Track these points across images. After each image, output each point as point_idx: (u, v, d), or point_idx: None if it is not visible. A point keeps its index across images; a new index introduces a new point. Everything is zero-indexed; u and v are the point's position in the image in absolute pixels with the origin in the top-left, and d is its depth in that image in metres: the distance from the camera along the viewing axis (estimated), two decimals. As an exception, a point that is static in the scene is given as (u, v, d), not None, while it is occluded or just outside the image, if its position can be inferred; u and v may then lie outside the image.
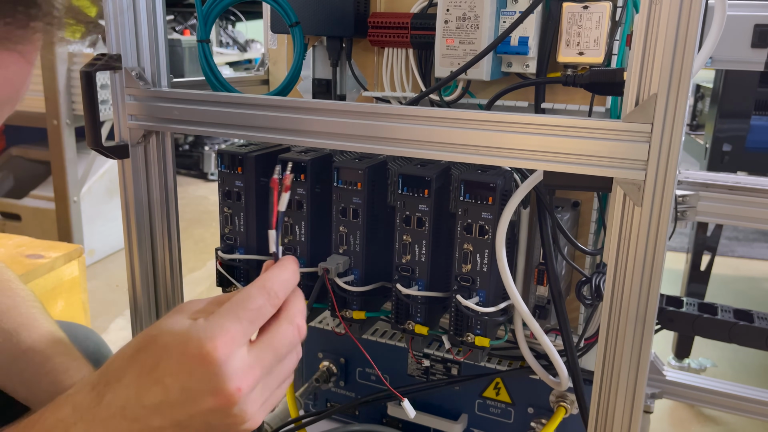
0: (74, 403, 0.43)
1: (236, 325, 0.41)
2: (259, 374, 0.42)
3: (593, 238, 0.77)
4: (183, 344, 0.40)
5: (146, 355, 0.42)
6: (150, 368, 0.41)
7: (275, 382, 0.45)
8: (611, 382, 0.54)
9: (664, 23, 0.47)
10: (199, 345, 0.40)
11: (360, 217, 0.70)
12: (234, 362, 0.40)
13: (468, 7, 0.67)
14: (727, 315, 0.75)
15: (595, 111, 0.69)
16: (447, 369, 0.87)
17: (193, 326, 0.41)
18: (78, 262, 1.51)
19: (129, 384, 0.42)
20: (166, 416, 0.41)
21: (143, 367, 0.42)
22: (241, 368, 0.41)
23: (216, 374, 0.40)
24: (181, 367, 0.40)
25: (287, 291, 0.46)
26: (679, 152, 0.48)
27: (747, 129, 1.59)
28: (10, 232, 2.12)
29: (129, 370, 0.42)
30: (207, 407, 0.41)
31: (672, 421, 1.53)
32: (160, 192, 0.76)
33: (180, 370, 0.40)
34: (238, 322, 0.42)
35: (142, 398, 0.41)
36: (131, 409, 0.41)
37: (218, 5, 0.74)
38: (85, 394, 0.43)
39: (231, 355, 0.40)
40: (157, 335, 0.42)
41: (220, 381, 0.40)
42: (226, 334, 0.40)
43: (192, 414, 0.41)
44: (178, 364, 0.40)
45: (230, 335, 0.41)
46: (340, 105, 0.60)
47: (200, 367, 0.40)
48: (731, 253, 2.62)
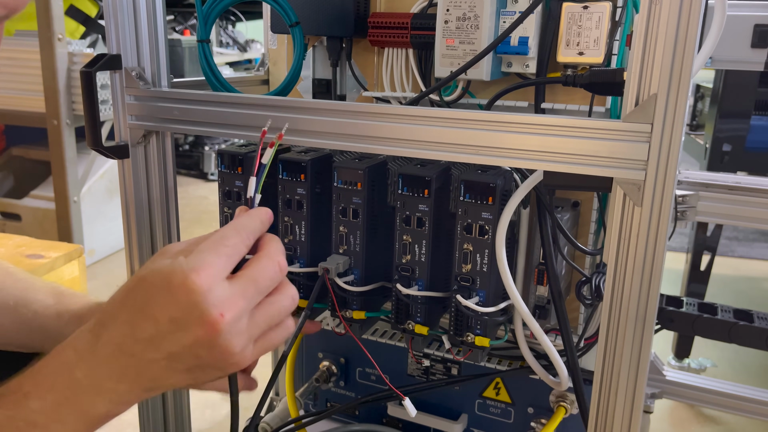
0: (75, 346, 0.46)
1: (216, 258, 0.44)
2: (242, 304, 0.45)
3: (593, 238, 0.77)
4: (169, 278, 0.43)
5: (136, 294, 0.45)
6: (141, 305, 0.44)
7: (262, 317, 0.47)
8: (611, 382, 0.54)
9: (664, 23, 0.47)
10: (183, 276, 0.43)
11: (360, 217, 0.70)
12: (216, 291, 0.43)
13: (468, 7, 0.67)
14: (727, 315, 0.75)
15: (595, 111, 0.69)
16: (447, 369, 0.87)
17: (177, 262, 0.44)
18: (78, 262, 1.51)
19: (123, 322, 0.45)
20: (159, 349, 0.44)
21: (134, 305, 0.45)
22: (223, 296, 0.43)
23: (200, 302, 0.43)
24: (168, 299, 0.43)
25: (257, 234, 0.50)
26: (679, 152, 0.48)
27: (747, 129, 1.59)
28: (10, 232, 2.13)
29: (122, 309, 0.45)
30: (195, 336, 0.43)
31: (672, 421, 1.53)
32: (160, 192, 0.76)
33: (168, 301, 0.43)
34: (217, 256, 0.45)
35: (135, 333, 0.44)
36: (127, 344, 0.44)
37: (218, 5, 0.74)
38: (84, 336, 0.46)
39: (213, 284, 0.43)
40: (145, 275, 0.45)
41: (204, 308, 0.43)
42: (207, 267, 0.44)
43: (183, 344, 0.44)
44: (165, 297, 0.43)
45: (211, 267, 0.44)
46: (340, 105, 0.60)
47: (185, 296, 0.43)
48: (731, 253, 2.62)
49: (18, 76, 2.06)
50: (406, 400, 0.67)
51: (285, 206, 0.74)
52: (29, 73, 2.02)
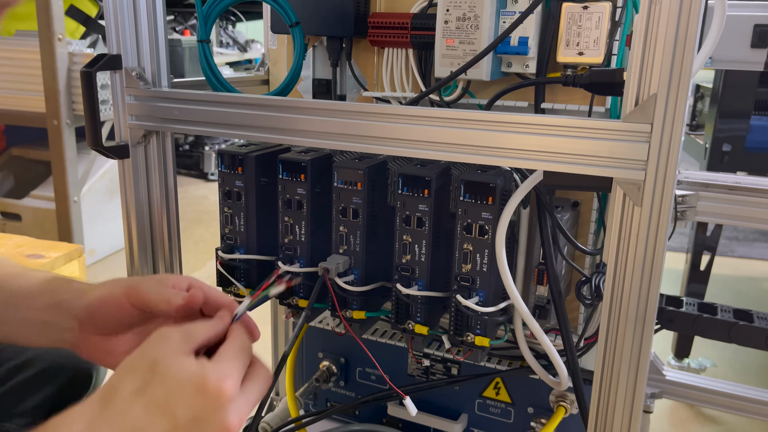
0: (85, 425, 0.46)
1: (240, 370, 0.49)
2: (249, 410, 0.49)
3: (593, 238, 0.77)
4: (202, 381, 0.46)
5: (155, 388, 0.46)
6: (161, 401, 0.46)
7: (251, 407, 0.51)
8: (611, 382, 0.54)
9: (664, 23, 0.47)
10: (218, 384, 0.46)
11: (360, 217, 0.70)
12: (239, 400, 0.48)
13: (468, 8, 0.67)
14: (727, 315, 0.75)
15: (595, 111, 0.69)
16: (447, 369, 0.87)
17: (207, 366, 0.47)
18: (78, 262, 1.51)
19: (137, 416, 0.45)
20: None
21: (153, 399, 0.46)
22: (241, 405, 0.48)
23: (226, 409, 0.46)
24: (195, 401, 0.46)
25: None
26: (678, 152, 0.48)
27: (747, 129, 1.59)
28: (10, 232, 2.13)
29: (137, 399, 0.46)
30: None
31: (672, 421, 1.53)
32: (161, 192, 0.76)
33: (194, 403, 0.46)
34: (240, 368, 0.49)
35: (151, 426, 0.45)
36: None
37: (218, 5, 0.74)
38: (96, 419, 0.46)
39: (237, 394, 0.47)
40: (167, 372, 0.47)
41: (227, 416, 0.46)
42: (235, 378, 0.48)
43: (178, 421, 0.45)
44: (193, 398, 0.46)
45: (236, 378, 0.48)
46: (340, 105, 0.60)
47: (214, 402, 0.46)
48: (731, 253, 2.62)
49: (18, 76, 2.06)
50: (406, 399, 0.67)
51: (285, 206, 0.74)
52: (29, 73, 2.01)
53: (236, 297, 0.79)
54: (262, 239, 0.77)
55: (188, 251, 2.33)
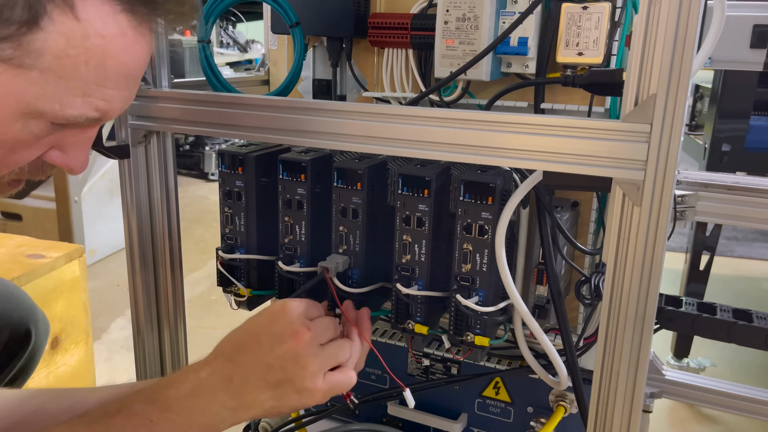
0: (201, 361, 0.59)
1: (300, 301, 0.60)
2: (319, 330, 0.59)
3: (592, 238, 0.77)
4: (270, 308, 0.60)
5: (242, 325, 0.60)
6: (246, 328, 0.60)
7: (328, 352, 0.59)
8: (610, 382, 0.54)
9: (663, 23, 0.47)
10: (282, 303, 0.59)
11: (360, 217, 0.70)
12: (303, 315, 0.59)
13: (468, 8, 0.67)
14: (726, 315, 0.75)
15: (595, 111, 0.70)
16: (447, 368, 0.87)
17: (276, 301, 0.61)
18: (79, 262, 1.51)
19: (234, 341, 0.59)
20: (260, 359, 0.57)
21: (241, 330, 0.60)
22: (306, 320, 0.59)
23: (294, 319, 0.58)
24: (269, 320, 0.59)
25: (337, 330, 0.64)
26: (678, 152, 0.48)
27: (746, 129, 1.59)
28: (11, 232, 2.13)
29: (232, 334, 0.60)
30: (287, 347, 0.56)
31: (671, 421, 1.53)
32: (161, 192, 0.76)
33: (269, 321, 0.59)
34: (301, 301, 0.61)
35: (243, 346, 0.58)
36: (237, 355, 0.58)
37: (219, 6, 0.74)
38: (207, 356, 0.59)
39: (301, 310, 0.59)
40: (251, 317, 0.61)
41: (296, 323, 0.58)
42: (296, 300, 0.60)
43: (277, 354, 0.56)
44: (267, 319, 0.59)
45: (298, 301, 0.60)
46: (340, 105, 0.60)
47: (283, 315, 0.58)
48: (730, 253, 2.62)
49: (18, 76, 2.05)
50: (406, 391, 0.67)
51: (285, 206, 0.74)
52: (29, 73, 2.01)
53: (236, 296, 0.79)
54: (262, 239, 0.78)
55: (188, 251, 2.33)
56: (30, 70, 0.45)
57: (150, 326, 0.83)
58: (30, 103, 0.46)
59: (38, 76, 0.45)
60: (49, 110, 0.47)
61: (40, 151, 0.51)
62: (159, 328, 0.83)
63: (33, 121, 0.48)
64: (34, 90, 0.46)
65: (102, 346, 1.85)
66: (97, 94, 0.48)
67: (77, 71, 0.46)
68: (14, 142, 0.48)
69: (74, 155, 0.54)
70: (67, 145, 0.53)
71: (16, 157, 0.50)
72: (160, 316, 0.83)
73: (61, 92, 0.47)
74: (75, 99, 0.48)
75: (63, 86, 0.46)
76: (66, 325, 1.50)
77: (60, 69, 0.45)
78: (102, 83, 0.48)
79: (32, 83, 0.45)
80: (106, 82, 0.48)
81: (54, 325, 1.46)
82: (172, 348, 0.84)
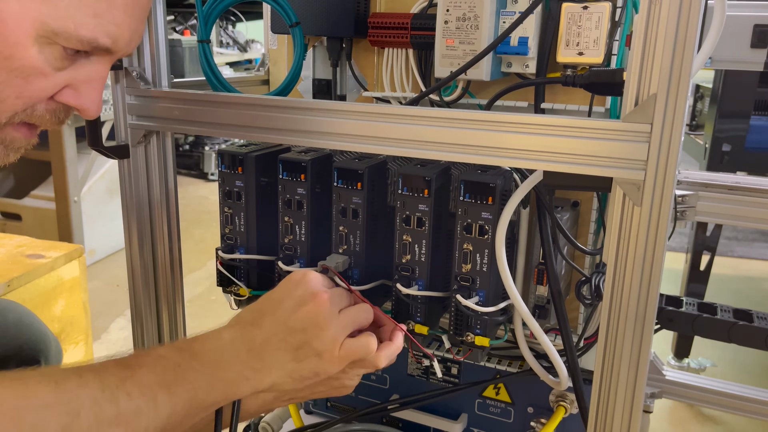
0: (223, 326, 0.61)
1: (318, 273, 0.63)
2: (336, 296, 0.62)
3: (593, 238, 0.77)
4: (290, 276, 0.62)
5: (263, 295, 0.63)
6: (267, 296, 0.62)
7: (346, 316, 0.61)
8: (611, 382, 0.54)
9: (664, 23, 0.47)
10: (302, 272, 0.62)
11: (360, 216, 0.70)
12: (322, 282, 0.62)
13: (468, 8, 0.67)
14: (727, 315, 0.75)
15: (595, 111, 0.69)
16: (447, 369, 0.87)
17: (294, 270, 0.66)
18: (78, 262, 1.51)
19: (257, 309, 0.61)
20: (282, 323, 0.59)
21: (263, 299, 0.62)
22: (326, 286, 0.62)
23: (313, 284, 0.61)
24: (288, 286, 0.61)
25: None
26: (678, 152, 0.48)
27: (746, 129, 1.59)
28: (10, 232, 2.13)
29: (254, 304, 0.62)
30: (308, 309, 0.59)
31: (671, 421, 1.53)
32: (161, 192, 0.76)
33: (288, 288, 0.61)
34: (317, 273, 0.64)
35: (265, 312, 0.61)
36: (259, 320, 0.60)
37: (219, 5, 0.74)
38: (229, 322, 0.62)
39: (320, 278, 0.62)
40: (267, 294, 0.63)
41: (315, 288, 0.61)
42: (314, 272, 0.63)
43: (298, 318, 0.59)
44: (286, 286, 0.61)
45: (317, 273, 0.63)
46: (340, 105, 0.60)
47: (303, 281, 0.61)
48: (731, 253, 2.62)
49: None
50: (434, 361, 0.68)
51: (285, 206, 0.74)
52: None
53: (236, 296, 0.79)
54: (262, 239, 0.77)
55: (188, 251, 2.33)
56: None
57: (150, 326, 0.83)
58: (45, 23, 0.49)
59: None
60: (63, 30, 0.49)
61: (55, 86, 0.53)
62: (159, 328, 0.83)
63: (48, 47, 0.50)
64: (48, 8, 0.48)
65: (102, 346, 1.85)
66: (107, 16, 0.51)
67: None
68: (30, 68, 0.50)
69: (87, 94, 0.56)
70: (80, 83, 0.55)
71: (31, 88, 0.52)
72: (159, 316, 0.82)
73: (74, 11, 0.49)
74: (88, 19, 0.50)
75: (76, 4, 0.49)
76: (66, 325, 1.50)
77: None
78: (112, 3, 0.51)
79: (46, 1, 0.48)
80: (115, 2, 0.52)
81: (54, 325, 1.46)
82: (171, 348, 0.84)
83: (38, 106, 0.54)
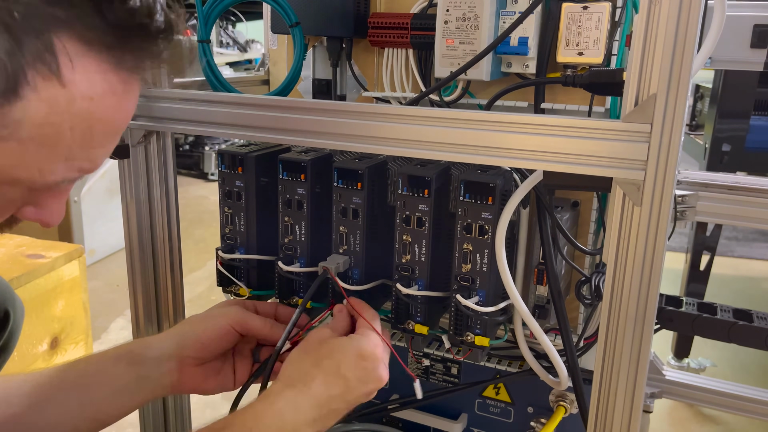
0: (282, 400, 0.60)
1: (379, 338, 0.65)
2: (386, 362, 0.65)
3: (593, 238, 0.77)
4: (360, 350, 0.63)
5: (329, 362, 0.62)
6: (334, 369, 0.61)
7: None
8: (611, 382, 0.54)
9: (664, 23, 0.47)
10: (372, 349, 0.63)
11: (360, 217, 0.70)
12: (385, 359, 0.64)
13: (468, 8, 0.67)
14: (727, 315, 0.75)
15: (595, 111, 0.69)
16: (447, 368, 0.87)
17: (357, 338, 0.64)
18: (78, 262, 1.51)
19: (320, 383, 0.61)
20: (344, 400, 0.61)
21: (329, 370, 0.61)
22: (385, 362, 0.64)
23: (379, 367, 0.63)
24: (357, 365, 0.62)
25: None
26: (678, 152, 0.48)
27: (746, 129, 1.59)
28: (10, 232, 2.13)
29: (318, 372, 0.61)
30: (370, 389, 0.63)
31: (671, 421, 1.54)
32: (161, 192, 0.76)
33: (356, 366, 0.62)
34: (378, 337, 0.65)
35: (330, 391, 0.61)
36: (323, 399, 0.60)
37: (218, 5, 0.74)
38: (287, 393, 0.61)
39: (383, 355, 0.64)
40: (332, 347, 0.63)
41: (380, 371, 0.63)
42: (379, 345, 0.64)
43: (359, 395, 0.62)
44: (356, 362, 0.62)
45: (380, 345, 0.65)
46: (340, 105, 0.60)
47: (372, 363, 0.62)
48: (730, 253, 2.62)
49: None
50: (416, 382, 0.69)
51: (285, 206, 0.74)
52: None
53: (236, 296, 0.79)
54: (262, 239, 0.77)
55: (188, 251, 2.33)
56: (6, 141, 0.41)
57: (150, 326, 0.83)
58: (6, 173, 0.43)
59: (16, 147, 0.41)
60: (27, 178, 0.44)
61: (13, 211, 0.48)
62: (159, 328, 0.83)
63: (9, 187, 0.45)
64: (11, 160, 0.42)
65: (102, 346, 1.85)
66: (81, 156, 0.45)
67: (61, 138, 0.42)
68: None
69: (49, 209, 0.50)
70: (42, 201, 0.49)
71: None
72: (159, 316, 0.82)
73: (42, 160, 0.43)
74: (57, 165, 0.44)
75: (44, 154, 0.43)
76: (65, 325, 1.50)
77: (41, 137, 0.41)
78: (87, 145, 0.44)
79: (9, 154, 0.41)
80: (92, 143, 0.45)
81: (54, 325, 1.46)
82: (171, 348, 0.84)
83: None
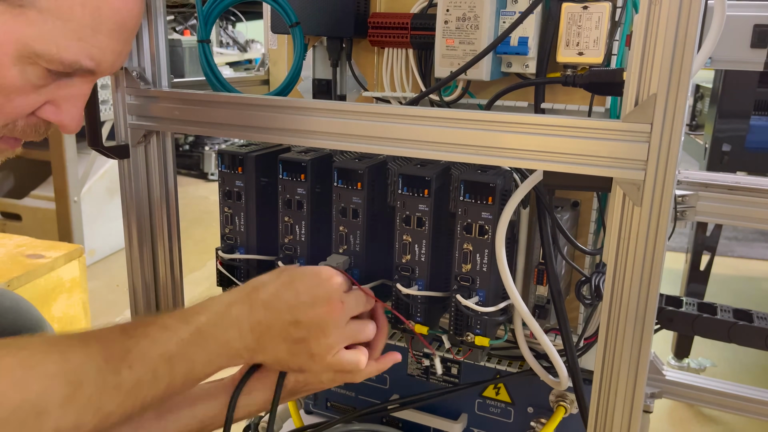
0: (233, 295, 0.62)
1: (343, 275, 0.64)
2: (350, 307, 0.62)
3: (593, 238, 0.77)
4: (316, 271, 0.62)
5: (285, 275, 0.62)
6: (288, 281, 0.61)
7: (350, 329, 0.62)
8: (611, 382, 0.54)
9: (664, 23, 0.47)
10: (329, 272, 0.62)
11: (360, 216, 0.70)
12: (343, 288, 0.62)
13: (468, 8, 0.67)
14: (727, 315, 0.75)
15: (595, 111, 0.69)
16: (447, 368, 0.87)
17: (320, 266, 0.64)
18: (78, 262, 1.51)
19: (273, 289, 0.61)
20: (292, 313, 0.59)
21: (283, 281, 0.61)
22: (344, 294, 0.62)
23: (335, 291, 0.61)
24: (312, 281, 0.61)
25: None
26: (678, 152, 0.48)
27: (746, 129, 1.59)
28: (10, 232, 2.13)
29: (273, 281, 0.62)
30: (319, 312, 0.59)
31: (671, 421, 1.54)
32: (161, 192, 0.76)
33: (311, 283, 0.61)
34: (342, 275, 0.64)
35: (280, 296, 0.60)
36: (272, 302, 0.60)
37: (219, 5, 0.74)
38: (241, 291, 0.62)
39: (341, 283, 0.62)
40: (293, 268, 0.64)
41: (335, 295, 0.60)
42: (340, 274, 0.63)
43: (308, 315, 0.59)
44: (310, 280, 0.61)
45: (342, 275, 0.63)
46: (340, 105, 0.60)
47: (326, 283, 0.61)
48: (731, 253, 2.62)
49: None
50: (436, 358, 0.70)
51: (285, 206, 0.74)
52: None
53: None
54: (262, 239, 0.77)
55: (188, 251, 2.32)
56: (29, 9, 0.48)
57: (150, 326, 0.82)
58: (28, 44, 0.49)
59: (36, 16, 0.48)
60: (46, 52, 0.50)
61: (35, 102, 0.54)
62: (159, 328, 0.83)
63: (30, 66, 0.50)
64: (32, 31, 0.48)
65: (102, 346, 1.85)
66: (91, 40, 0.51)
67: (73, 13, 0.49)
68: (11, 87, 0.51)
69: (68, 111, 0.56)
70: (61, 99, 0.55)
71: (12, 105, 0.52)
72: (159, 316, 0.82)
73: (58, 34, 0.49)
74: (71, 42, 0.50)
75: (60, 28, 0.49)
76: (65, 325, 1.50)
77: (57, 9, 0.48)
78: (96, 28, 0.51)
79: (31, 23, 0.48)
80: (100, 27, 0.51)
81: (54, 325, 1.46)
82: (171, 348, 0.84)
83: (19, 122, 0.55)
